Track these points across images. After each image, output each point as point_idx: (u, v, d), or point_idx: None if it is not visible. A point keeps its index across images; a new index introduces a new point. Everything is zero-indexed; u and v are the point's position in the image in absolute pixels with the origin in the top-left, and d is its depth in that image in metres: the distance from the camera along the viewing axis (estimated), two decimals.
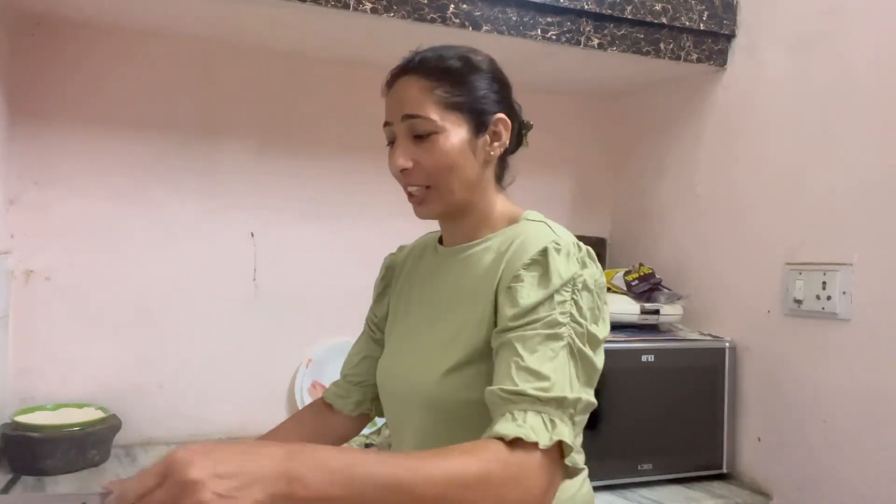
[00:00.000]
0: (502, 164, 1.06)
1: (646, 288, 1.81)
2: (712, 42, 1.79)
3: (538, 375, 0.81)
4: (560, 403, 0.80)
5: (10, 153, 1.60)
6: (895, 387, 1.38)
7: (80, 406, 1.60)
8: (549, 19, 1.62)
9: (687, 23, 1.72)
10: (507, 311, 0.88)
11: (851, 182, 1.48)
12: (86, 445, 1.48)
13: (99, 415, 1.56)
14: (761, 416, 1.66)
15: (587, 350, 0.86)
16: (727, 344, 1.71)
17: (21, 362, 1.62)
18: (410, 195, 1.00)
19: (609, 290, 1.87)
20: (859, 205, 1.46)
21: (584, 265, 0.90)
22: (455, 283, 1.01)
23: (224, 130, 1.80)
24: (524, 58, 1.78)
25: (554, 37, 1.63)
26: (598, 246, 2.21)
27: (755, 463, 1.67)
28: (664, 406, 1.65)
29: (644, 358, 1.62)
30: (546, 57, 1.77)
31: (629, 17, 1.66)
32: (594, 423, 1.56)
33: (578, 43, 1.65)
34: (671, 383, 1.65)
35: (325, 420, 1.17)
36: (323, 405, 1.19)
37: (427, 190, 0.98)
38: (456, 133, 0.96)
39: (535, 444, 0.76)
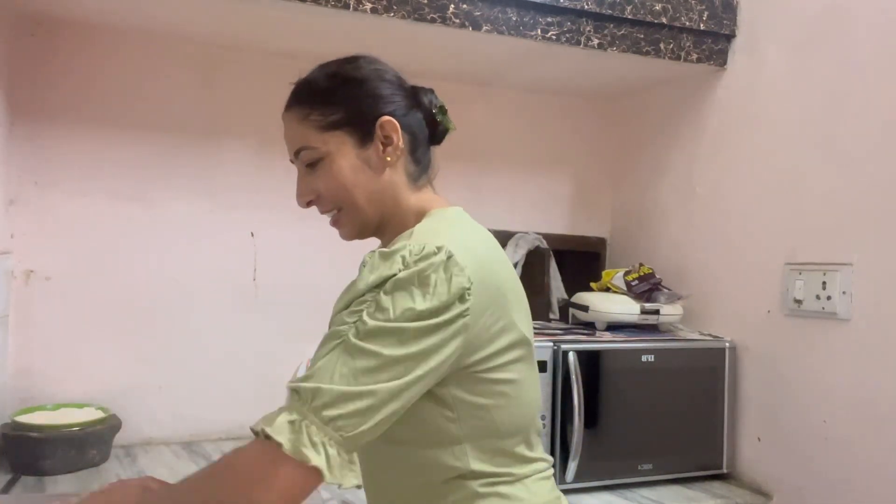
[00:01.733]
0: (416, 159, 1.02)
1: (646, 288, 1.81)
2: (712, 42, 1.79)
3: (307, 371, 0.81)
4: (300, 394, 0.78)
5: (10, 153, 1.60)
6: (895, 387, 1.38)
7: (80, 406, 1.60)
8: (549, 19, 1.62)
9: (687, 23, 1.72)
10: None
11: (851, 182, 1.48)
12: (86, 445, 1.48)
13: (99, 415, 1.56)
14: (761, 416, 1.66)
15: (368, 345, 0.79)
16: (727, 344, 1.71)
17: (21, 362, 1.62)
18: (330, 221, 1.01)
19: (609, 290, 1.88)
20: (859, 205, 1.47)
21: (406, 266, 0.83)
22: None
23: (224, 131, 1.80)
24: (524, 58, 1.78)
25: (554, 37, 1.63)
26: (598, 246, 2.22)
27: (755, 463, 1.67)
28: (664, 406, 1.65)
29: (644, 358, 1.62)
30: (546, 57, 1.77)
31: (629, 17, 1.66)
32: (594, 423, 1.56)
33: (578, 43, 1.65)
34: (671, 383, 1.65)
35: None
36: None
37: (339, 212, 0.99)
38: (342, 153, 0.96)
39: (256, 434, 0.79)
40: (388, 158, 0.97)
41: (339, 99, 0.97)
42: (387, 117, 0.97)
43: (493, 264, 0.92)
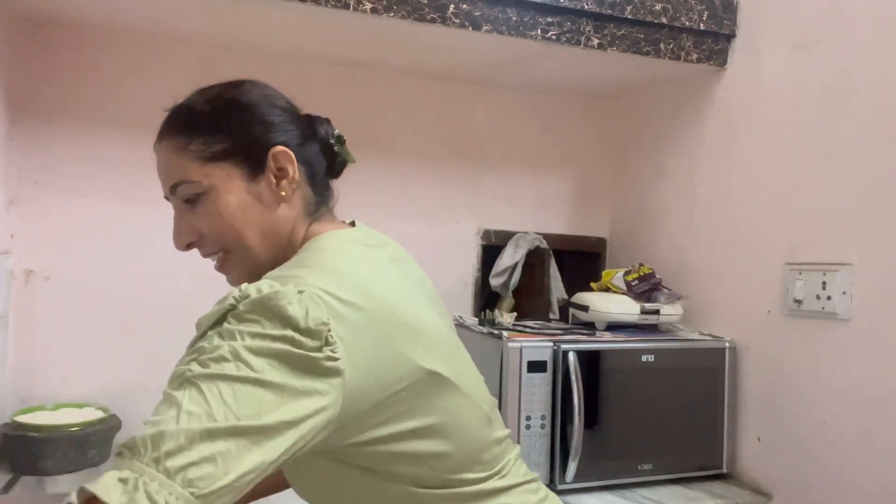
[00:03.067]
0: (317, 190, 0.90)
1: (646, 288, 1.81)
2: (712, 42, 1.79)
3: (144, 426, 0.64)
4: (133, 448, 0.61)
5: (10, 153, 1.60)
6: (895, 387, 1.38)
7: (80, 406, 1.60)
8: (549, 19, 1.62)
9: (687, 23, 1.72)
10: None
11: (851, 182, 1.48)
12: (86, 445, 1.48)
13: (99, 415, 1.56)
14: (761, 416, 1.66)
15: (213, 370, 0.65)
16: (727, 344, 1.71)
17: (21, 362, 1.62)
18: (215, 265, 0.89)
19: (609, 290, 1.88)
20: (859, 205, 1.46)
21: (246, 296, 0.70)
22: None
23: None
24: (524, 58, 1.78)
25: (554, 37, 1.63)
26: (598, 246, 2.22)
27: (755, 463, 1.67)
28: (664, 406, 1.65)
29: (644, 358, 1.62)
30: (546, 57, 1.77)
31: (629, 17, 1.66)
32: (594, 423, 1.56)
33: (578, 43, 1.65)
34: (671, 383, 1.65)
35: None
36: None
37: (226, 255, 0.87)
38: (228, 187, 0.83)
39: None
40: (283, 193, 0.85)
41: (223, 126, 0.85)
42: (280, 147, 0.85)
43: (367, 295, 0.75)
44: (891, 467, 1.38)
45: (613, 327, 1.80)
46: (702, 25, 1.74)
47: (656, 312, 1.79)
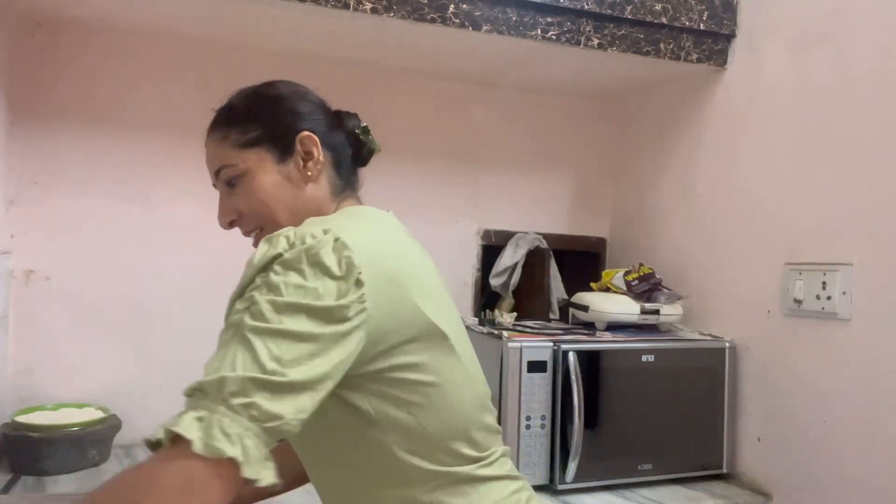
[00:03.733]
0: (342, 175, 1.01)
1: (646, 288, 1.81)
2: (712, 42, 1.79)
3: (205, 371, 0.73)
4: (204, 389, 0.70)
5: (10, 153, 1.60)
6: (895, 387, 1.38)
7: (80, 406, 1.60)
8: (549, 19, 1.62)
9: (687, 23, 1.72)
10: None
11: (851, 182, 1.48)
12: (86, 445, 1.48)
13: (99, 415, 1.56)
14: (761, 416, 1.66)
15: (266, 324, 0.74)
16: (727, 344, 1.71)
17: (21, 362, 1.62)
18: (253, 243, 1.01)
19: (609, 290, 1.88)
20: (859, 205, 1.47)
21: (292, 245, 0.79)
22: None
23: None
24: (524, 58, 1.78)
25: (554, 37, 1.63)
26: (598, 246, 2.22)
27: (755, 463, 1.67)
28: (664, 406, 1.65)
29: (644, 358, 1.62)
30: (546, 57, 1.77)
31: (629, 17, 1.66)
32: (594, 423, 1.56)
33: (578, 43, 1.65)
34: (671, 383, 1.65)
35: None
36: None
37: (262, 231, 0.97)
38: (262, 168, 0.96)
39: (158, 443, 0.69)
40: (309, 173, 0.97)
41: (256, 116, 0.97)
42: (306, 132, 0.97)
43: (393, 251, 0.87)
44: (891, 467, 1.38)
45: (613, 327, 1.80)
46: (702, 25, 1.74)
47: (656, 312, 1.79)
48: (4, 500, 1.31)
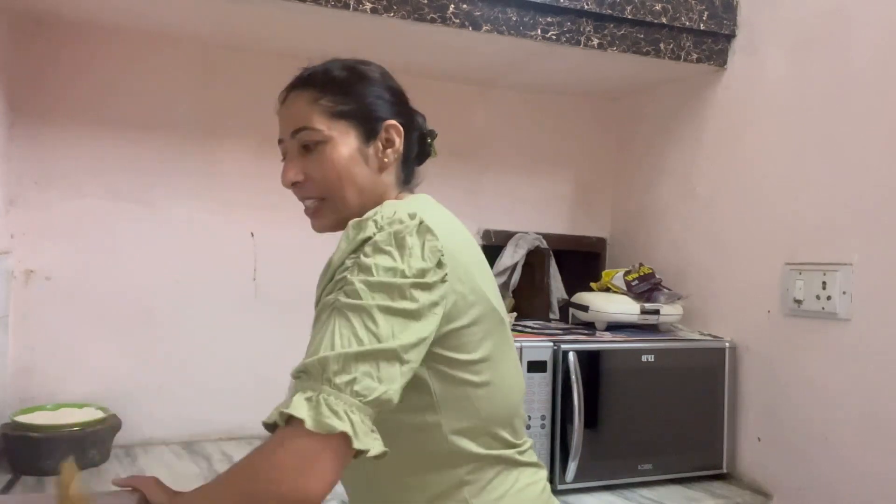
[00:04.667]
0: (406, 170, 1.04)
1: (646, 288, 1.81)
2: (712, 42, 1.79)
3: (307, 352, 0.79)
4: (308, 371, 0.76)
5: (10, 153, 1.60)
6: (894, 387, 1.38)
7: (80, 406, 1.60)
8: (549, 19, 1.62)
9: (687, 23, 1.72)
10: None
11: (851, 182, 1.48)
12: (86, 445, 1.48)
13: (99, 415, 1.56)
14: (761, 416, 1.66)
15: (359, 301, 0.79)
16: (727, 344, 1.71)
17: (21, 362, 1.62)
18: (306, 209, 1.01)
19: (609, 290, 1.88)
20: (859, 205, 1.47)
21: (380, 228, 0.84)
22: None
23: (224, 130, 1.80)
24: (524, 58, 1.78)
25: (554, 37, 1.63)
26: (598, 246, 2.22)
27: (755, 463, 1.67)
28: (664, 406, 1.65)
29: (644, 358, 1.62)
30: (546, 57, 1.77)
31: (629, 17, 1.66)
32: (594, 423, 1.56)
33: (578, 43, 1.65)
34: (671, 383, 1.65)
35: None
36: None
37: (322, 202, 0.99)
38: (344, 142, 0.96)
39: (274, 425, 0.76)
40: (386, 160, 0.99)
41: (352, 91, 0.98)
42: (394, 121, 0.99)
43: (458, 238, 0.92)
44: (891, 467, 1.38)
45: (613, 327, 1.80)
46: (702, 25, 1.74)
47: (656, 312, 1.79)
48: (4, 500, 1.31)
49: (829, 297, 1.50)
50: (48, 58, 1.65)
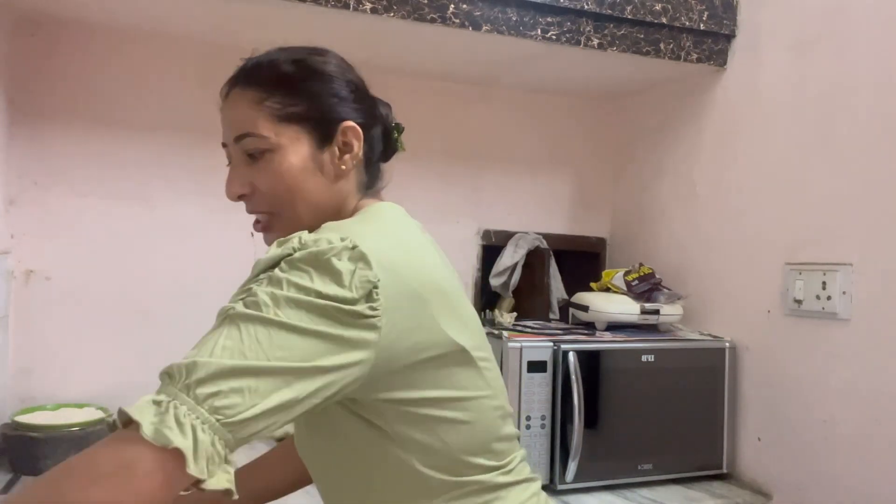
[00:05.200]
0: (370, 172, 0.93)
1: (646, 288, 1.81)
2: (712, 42, 1.79)
3: (186, 356, 0.68)
4: (171, 374, 0.65)
5: (10, 153, 1.60)
6: (895, 387, 1.38)
7: (80, 406, 1.60)
8: (549, 19, 1.62)
9: (687, 23, 1.72)
10: None
11: (851, 182, 1.48)
12: (86, 445, 1.46)
13: (99, 415, 1.56)
14: (761, 416, 1.66)
15: (254, 311, 0.69)
16: (727, 344, 1.71)
17: (21, 362, 1.62)
18: (255, 223, 0.90)
19: (609, 290, 1.88)
20: (859, 205, 1.47)
21: (303, 246, 0.73)
22: None
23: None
24: (524, 58, 1.78)
25: (554, 37, 1.63)
26: (598, 246, 2.22)
27: (755, 463, 1.67)
28: (664, 406, 1.65)
29: (644, 358, 1.62)
30: (546, 57, 1.77)
31: (629, 17, 1.66)
32: (594, 423, 1.56)
33: (578, 43, 1.65)
34: (671, 383, 1.65)
35: None
36: None
37: (272, 216, 0.87)
38: (294, 149, 0.84)
39: (113, 427, 0.66)
40: (343, 167, 0.87)
41: (303, 89, 0.86)
42: (351, 123, 0.87)
43: (415, 263, 0.79)
44: (891, 467, 1.38)
45: (613, 327, 1.80)
46: (702, 25, 1.74)
47: (656, 312, 1.79)
48: (4, 500, 1.31)
49: (829, 297, 1.50)
50: (48, 58, 1.65)
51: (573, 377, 1.52)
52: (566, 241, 2.17)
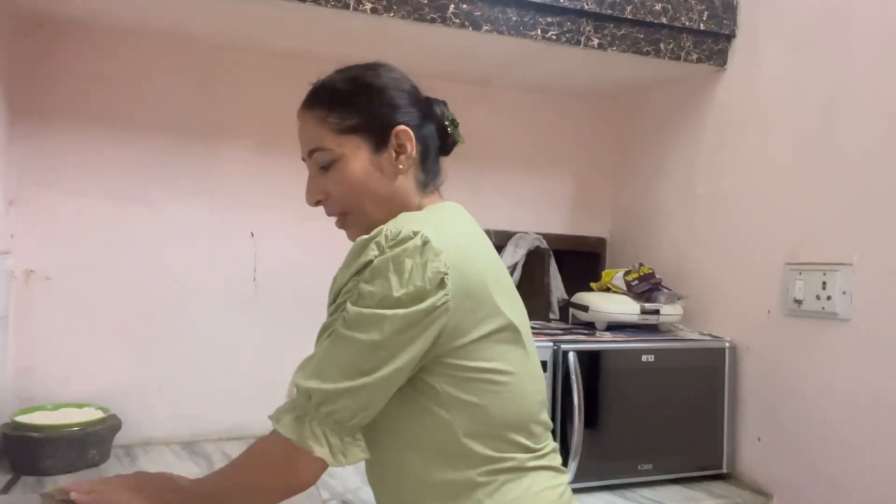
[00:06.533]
0: (426, 168, 1.05)
1: (646, 288, 1.81)
2: (712, 42, 1.79)
3: (300, 367, 0.92)
4: (301, 393, 0.89)
5: (10, 153, 1.60)
6: (895, 387, 1.38)
7: (80, 406, 1.60)
8: (549, 19, 1.62)
9: (687, 23, 1.72)
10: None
11: (851, 182, 1.48)
12: (86, 445, 1.48)
13: (99, 415, 1.56)
14: (761, 416, 1.66)
15: (352, 333, 0.87)
16: (727, 344, 1.71)
17: (21, 362, 1.62)
18: (336, 222, 1.05)
19: (609, 290, 1.88)
20: (859, 205, 1.47)
21: (381, 251, 0.88)
22: None
23: (224, 130, 1.80)
24: (524, 58, 1.78)
25: (554, 37, 1.63)
26: (598, 246, 2.22)
27: (755, 463, 1.67)
28: (664, 406, 1.65)
29: (644, 358, 1.62)
30: (546, 57, 1.77)
31: (629, 17, 1.66)
32: (594, 423, 1.56)
33: (578, 43, 1.65)
34: (671, 383, 1.65)
35: None
36: None
37: (345, 216, 1.02)
38: (356, 157, 0.98)
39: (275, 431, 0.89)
40: (401, 166, 1.00)
41: (357, 104, 0.99)
42: (402, 126, 1.00)
43: (473, 252, 0.94)
44: (891, 467, 1.38)
45: (613, 327, 1.80)
46: (702, 25, 1.74)
47: (656, 312, 1.79)
48: (4, 500, 1.31)
49: (829, 297, 1.50)
50: (48, 58, 1.65)
51: (573, 377, 1.52)
52: (566, 241, 2.17)
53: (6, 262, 1.58)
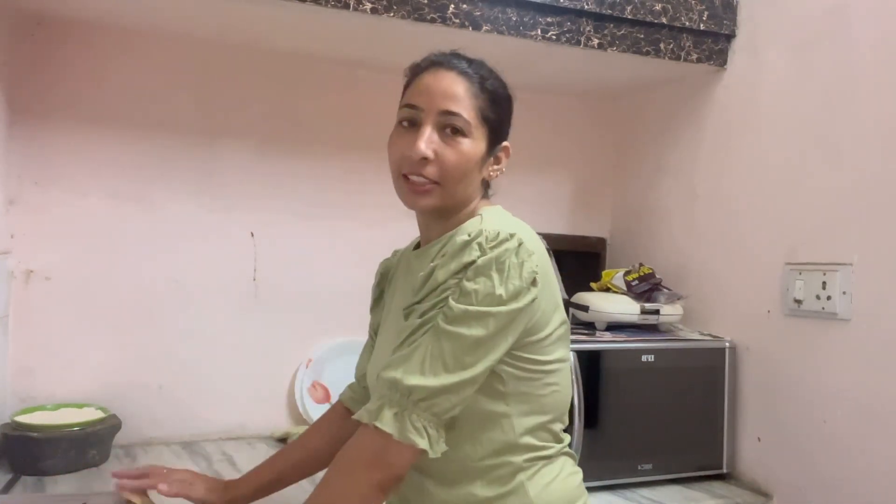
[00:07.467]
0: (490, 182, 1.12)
1: (646, 288, 1.81)
2: (712, 42, 1.79)
3: (396, 363, 0.92)
4: (398, 389, 0.90)
5: (10, 153, 1.60)
6: (895, 387, 1.38)
7: (80, 406, 1.60)
8: (549, 19, 1.62)
9: (687, 23, 1.72)
10: (409, 299, 0.98)
11: (851, 182, 1.48)
12: (86, 445, 1.48)
13: (99, 415, 1.56)
14: (761, 416, 1.66)
15: (457, 328, 0.90)
16: (727, 344, 1.71)
17: (21, 362, 1.62)
18: (412, 183, 1.01)
19: (609, 290, 1.88)
20: (859, 205, 1.47)
21: (483, 252, 0.92)
22: (411, 281, 1.05)
23: (224, 130, 1.80)
24: (524, 58, 1.78)
25: (554, 37, 1.63)
26: (598, 246, 2.22)
27: (755, 463, 1.67)
28: (664, 406, 1.65)
29: (644, 358, 1.62)
30: (546, 57, 1.77)
31: (629, 17, 1.66)
32: (594, 423, 1.56)
33: (578, 43, 1.65)
34: (671, 383, 1.65)
35: (345, 426, 1.17)
36: (343, 410, 1.24)
37: (435, 185, 1.00)
38: (476, 144, 1.02)
39: (368, 425, 0.91)
40: (492, 174, 1.07)
41: (502, 107, 1.06)
42: (508, 144, 1.08)
43: (543, 252, 1.00)
44: (891, 467, 1.38)
45: (613, 327, 1.80)
46: (702, 25, 1.74)
47: (656, 312, 1.78)
48: (4, 500, 1.31)
49: (829, 297, 1.50)
50: (48, 58, 1.65)
51: (573, 377, 1.52)
52: (566, 241, 2.17)
53: (6, 262, 1.58)
